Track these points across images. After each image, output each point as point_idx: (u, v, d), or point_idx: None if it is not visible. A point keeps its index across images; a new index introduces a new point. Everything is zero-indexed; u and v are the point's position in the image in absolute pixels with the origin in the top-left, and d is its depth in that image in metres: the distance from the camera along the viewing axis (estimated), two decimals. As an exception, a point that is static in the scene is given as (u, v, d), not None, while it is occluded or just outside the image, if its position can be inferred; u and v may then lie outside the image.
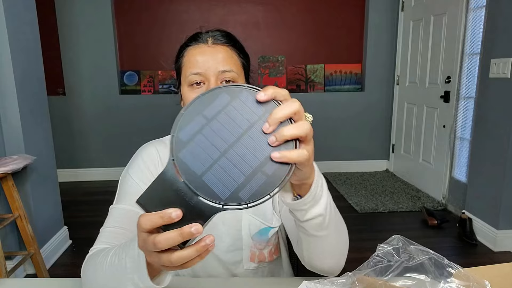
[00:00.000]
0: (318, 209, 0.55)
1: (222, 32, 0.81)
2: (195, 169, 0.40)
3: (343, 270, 0.60)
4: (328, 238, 0.61)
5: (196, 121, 0.41)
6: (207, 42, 0.77)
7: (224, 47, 0.77)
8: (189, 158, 0.40)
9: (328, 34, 3.89)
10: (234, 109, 0.41)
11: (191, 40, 0.79)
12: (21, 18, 2.01)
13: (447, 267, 0.50)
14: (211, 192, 0.40)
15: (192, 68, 0.75)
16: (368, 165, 4.08)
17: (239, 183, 0.40)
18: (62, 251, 2.37)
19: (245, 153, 0.40)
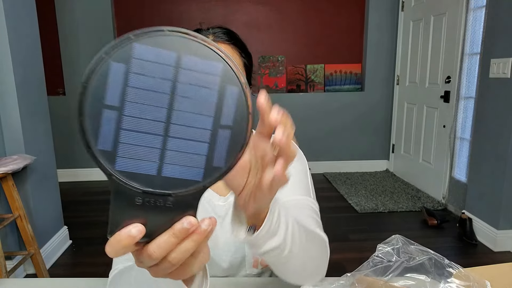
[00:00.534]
0: (276, 241, 0.50)
1: (224, 29, 0.77)
2: (145, 171, 0.32)
3: (343, 270, 0.60)
4: (294, 262, 0.56)
5: (105, 118, 0.31)
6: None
7: (225, 45, 0.74)
8: (130, 165, 0.32)
9: (328, 34, 3.89)
10: (138, 77, 0.31)
11: None
12: (21, 18, 2.01)
13: (447, 267, 0.50)
14: (183, 183, 0.33)
15: None
16: (368, 165, 4.08)
17: (206, 154, 0.33)
18: (62, 251, 2.37)
19: (189, 119, 0.32)
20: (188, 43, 0.32)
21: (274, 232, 0.50)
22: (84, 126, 0.31)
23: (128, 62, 0.31)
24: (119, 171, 0.32)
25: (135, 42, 0.31)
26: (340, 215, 2.92)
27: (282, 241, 0.51)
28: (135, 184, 0.32)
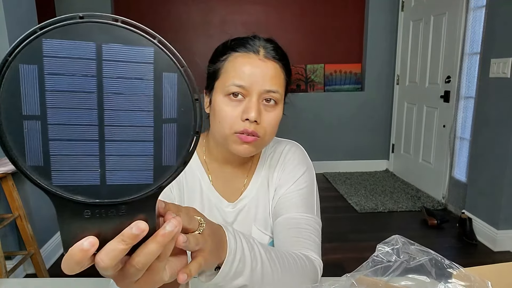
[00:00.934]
0: (242, 280, 0.51)
1: (274, 44, 0.74)
2: (87, 182, 0.29)
3: (343, 270, 0.60)
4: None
5: (28, 130, 0.27)
6: (258, 53, 0.70)
7: (274, 64, 0.71)
8: (68, 178, 0.29)
9: (328, 34, 3.89)
10: (55, 78, 0.27)
11: (239, 45, 0.72)
12: (21, 18, 2.01)
13: (448, 268, 0.50)
14: (133, 188, 0.30)
15: (236, 78, 0.68)
16: (368, 165, 4.07)
17: (153, 154, 0.29)
18: (62, 251, 2.36)
19: (126, 117, 0.28)
20: (109, 29, 0.28)
21: (239, 273, 0.50)
22: (5, 143, 0.27)
23: (40, 61, 0.26)
24: (58, 186, 0.29)
25: (43, 37, 0.27)
26: (340, 215, 2.92)
27: (248, 280, 0.52)
28: (79, 198, 0.29)
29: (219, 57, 0.73)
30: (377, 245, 0.56)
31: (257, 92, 0.68)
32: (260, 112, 0.70)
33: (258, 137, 0.70)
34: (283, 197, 0.79)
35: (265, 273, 0.55)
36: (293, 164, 0.83)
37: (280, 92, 0.71)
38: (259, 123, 0.70)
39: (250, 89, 0.68)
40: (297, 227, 0.74)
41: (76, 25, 0.28)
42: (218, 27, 3.81)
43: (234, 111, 0.69)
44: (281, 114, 0.74)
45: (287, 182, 0.81)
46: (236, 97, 0.69)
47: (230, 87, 0.69)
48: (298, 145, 0.88)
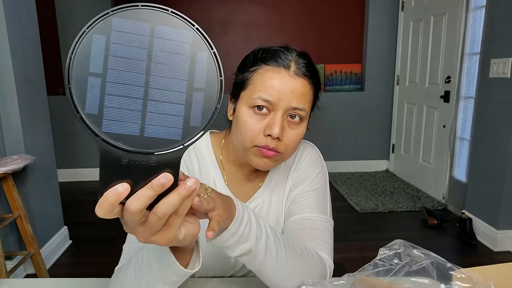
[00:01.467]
0: (246, 246, 0.54)
1: (307, 60, 0.71)
2: (129, 132, 0.35)
3: (344, 270, 0.60)
4: (269, 272, 0.58)
5: (91, 84, 0.34)
6: (288, 69, 0.68)
7: (304, 81, 0.69)
8: (115, 127, 0.35)
9: (328, 34, 3.89)
10: (117, 47, 0.35)
11: (270, 58, 0.69)
12: (21, 18, 2.01)
13: (450, 270, 0.50)
14: (164, 142, 0.36)
15: (263, 92, 0.67)
16: (368, 165, 4.08)
17: (183, 115, 0.36)
18: (62, 251, 2.37)
19: (166, 83, 0.36)
20: (161, 15, 0.36)
21: (245, 237, 0.54)
22: (72, 93, 0.34)
23: (108, 34, 0.35)
24: (105, 133, 0.35)
25: (113, 16, 0.35)
26: (340, 215, 2.92)
27: (254, 245, 0.55)
28: (120, 144, 0.36)
29: (248, 67, 0.72)
30: (379, 249, 0.56)
31: (283, 108, 0.67)
32: (284, 128, 0.69)
33: (278, 153, 0.70)
34: (298, 196, 0.80)
35: (269, 247, 0.57)
36: (309, 164, 0.83)
37: (306, 110, 0.70)
38: (281, 139, 0.69)
39: (276, 104, 0.67)
40: (311, 228, 0.74)
41: (137, 10, 0.35)
42: (218, 27, 3.81)
43: (257, 124, 0.68)
44: (304, 131, 0.73)
45: (303, 182, 0.81)
46: (261, 111, 0.68)
47: (256, 100, 0.68)
48: (312, 145, 0.89)
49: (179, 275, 0.50)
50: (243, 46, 3.86)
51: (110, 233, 2.54)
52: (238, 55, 3.20)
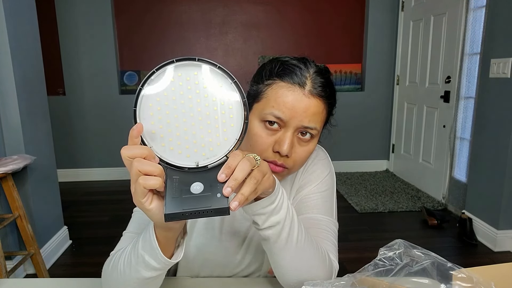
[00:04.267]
0: (278, 217, 0.56)
1: (324, 79, 0.69)
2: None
3: (344, 270, 0.60)
4: (289, 252, 0.59)
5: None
6: (304, 87, 0.67)
7: (318, 101, 0.68)
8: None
9: (328, 34, 3.89)
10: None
11: (286, 75, 0.68)
12: (21, 18, 2.01)
13: (450, 270, 0.50)
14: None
15: (276, 109, 0.66)
16: (368, 165, 4.08)
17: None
18: (62, 251, 2.37)
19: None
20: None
21: (278, 209, 0.56)
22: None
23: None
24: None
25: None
26: (340, 215, 2.90)
27: (283, 218, 0.57)
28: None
29: (263, 80, 0.70)
30: (379, 249, 0.56)
31: (294, 127, 0.67)
32: (293, 145, 0.69)
33: (286, 168, 0.70)
34: (305, 197, 0.80)
35: (293, 226, 0.59)
36: (317, 165, 0.83)
37: (317, 129, 0.70)
38: (290, 156, 0.69)
39: (287, 122, 0.67)
40: (317, 228, 0.74)
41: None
42: (218, 27, 3.81)
43: (267, 139, 0.68)
44: (314, 148, 0.73)
45: (310, 183, 0.81)
46: (272, 125, 0.68)
47: (268, 116, 0.67)
48: (321, 148, 0.88)
49: (159, 262, 0.54)
50: (242, 46, 3.86)
51: (110, 233, 2.54)
52: (238, 56, 3.22)
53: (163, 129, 0.47)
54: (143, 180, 0.45)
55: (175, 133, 0.47)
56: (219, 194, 0.45)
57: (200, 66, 0.47)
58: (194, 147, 0.48)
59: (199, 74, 0.47)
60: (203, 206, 0.44)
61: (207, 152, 0.48)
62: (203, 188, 0.45)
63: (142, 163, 0.45)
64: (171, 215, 0.43)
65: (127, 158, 0.46)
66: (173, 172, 0.47)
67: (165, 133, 0.47)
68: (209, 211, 0.44)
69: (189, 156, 0.48)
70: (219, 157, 0.48)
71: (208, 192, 0.45)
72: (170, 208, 0.44)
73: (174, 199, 0.44)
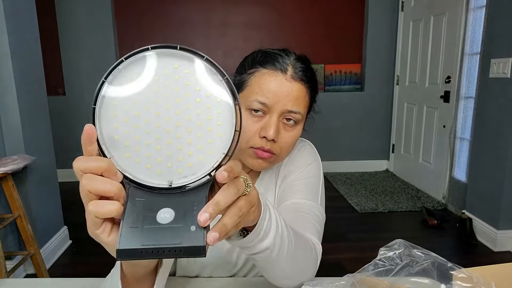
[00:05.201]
0: (266, 243, 0.51)
1: (305, 64, 0.72)
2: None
3: (343, 270, 0.60)
4: (281, 264, 0.57)
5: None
6: (285, 73, 0.69)
7: (300, 85, 0.70)
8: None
9: (328, 34, 3.89)
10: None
11: (268, 62, 0.70)
12: (21, 18, 2.01)
13: (450, 270, 0.50)
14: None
15: (260, 95, 0.68)
16: (368, 165, 4.07)
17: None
18: (62, 251, 2.37)
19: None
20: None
21: (265, 235, 0.50)
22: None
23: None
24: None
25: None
26: (340, 215, 2.92)
27: (272, 243, 0.51)
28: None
29: (246, 69, 0.72)
30: (379, 249, 0.56)
31: (278, 111, 0.68)
32: (279, 131, 0.70)
33: (273, 154, 0.71)
34: (290, 183, 0.80)
35: (284, 240, 0.54)
36: (301, 155, 0.84)
37: (301, 113, 0.71)
38: (276, 141, 0.70)
39: (272, 107, 0.68)
40: (299, 211, 0.74)
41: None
42: (218, 27, 3.81)
43: (253, 126, 0.70)
44: (299, 133, 0.75)
45: (295, 171, 0.82)
46: (257, 113, 0.69)
47: (252, 103, 0.69)
48: (308, 142, 0.90)
49: None
50: (242, 46, 3.85)
51: (110, 233, 2.53)
52: (237, 56, 3.22)
53: (130, 135, 0.36)
54: (94, 207, 0.35)
55: (144, 141, 0.36)
56: (194, 227, 0.34)
57: (182, 57, 0.36)
58: (168, 160, 0.36)
59: (180, 67, 0.36)
60: (170, 242, 0.33)
61: (184, 168, 0.36)
62: (173, 216, 0.35)
63: (94, 181, 0.35)
64: (126, 252, 0.33)
65: (79, 172, 0.36)
66: (137, 193, 0.36)
67: (132, 140, 0.36)
68: (177, 249, 0.33)
69: (161, 172, 0.36)
70: (199, 176, 0.36)
71: (180, 223, 0.34)
72: (125, 243, 0.33)
73: (132, 230, 0.34)
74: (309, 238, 0.67)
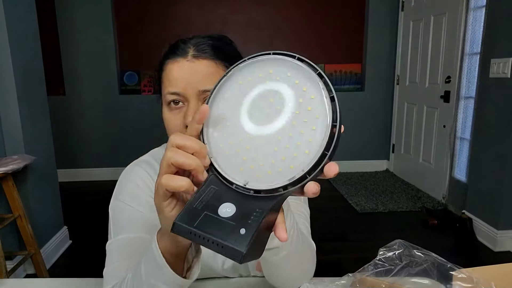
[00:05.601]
0: (277, 241, 0.49)
1: (207, 40, 0.68)
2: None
3: (343, 270, 0.60)
4: (286, 265, 0.56)
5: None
6: (186, 56, 0.66)
7: (207, 61, 0.66)
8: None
9: (328, 34, 3.89)
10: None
11: (170, 52, 0.68)
12: (21, 18, 2.01)
13: (450, 270, 0.50)
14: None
15: (169, 86, 0.66)
16: (368, 165, 4.07)
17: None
18: (62, 251, 2.37)
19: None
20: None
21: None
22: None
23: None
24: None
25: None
26: (340, 215, 2.92)
27: (279, 243, 0.50)
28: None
29: (158, 68, 0.71)
30: (379, 249, 0.56)
31: (193, 95, 0.64)
32: None
33: None
34: None
35: (293, 238, 0.53)
36: None
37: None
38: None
39: (185, 94, 0.65)
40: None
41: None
42: (219, 27, 3.81)
43: (176, 119, 0.67)
44: None
45: None
46: (177, 105, 0.66)
47: (167, 96, 0.66)
48: None
49: (168, 283, 0.48)
50: (242, 46, 3.82)
51: (110, 233, 2.53)
52: (238, 55, 3.11)
53: (229, 129, 0.39)
54: (166, 180, 0.38)
55: (238, 137, 0.38)
56: (244, 230, 0.34)
57: (294, 66, 0.38)
58: (251, 162, 0.37)
59: (292, 76, 0.38)
60: (217, 236, 0.34)
61: (263, 174, 0.36)
62: (233, 214, 0.35)
63: (178, 154, 0.37)
64: (180, 227, 0.36)
65: (173, 145, 0.39)
66: (215, 181, 0.38)
67: (228, 134, 0.39)
68: (220, 244, 0.34)
69: (242, 170, 0.37)
70: (273, 186, 0.36)
71: (234, 222, 0.35)
72: (183, 219, 0.36)
73: (194, 211, 0.36)
74: (307, 238, 0.67)
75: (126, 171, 0.78)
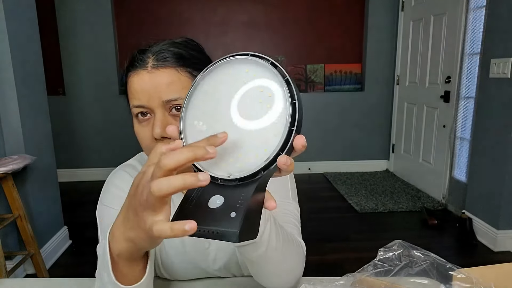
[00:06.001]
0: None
1: (169, 46, 0.66)
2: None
3: (343, 270, 0.60)
4: (269, 263, 0.56)
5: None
6: (146, 66, 0.63)
7: (168, 70, 0.63)
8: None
9: (328, 34, 3.89)
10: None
11: (130, 65, 0.66)
12: (21, 17, 2.01)
13: (450, 271, 0.50)
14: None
15: (133, 99, 0.64)
16: (368, 165, 4.08)
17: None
18: (62, 251, 2.37)
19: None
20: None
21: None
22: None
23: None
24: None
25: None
26: (340, 215, 2.92)
27: (257, 238, 0.51)
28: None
29: (124, 82, 0.69)
30: (379, 250, 0.56)
31: (158, 106, 0.63)
32: (168, 124, 0.64)
33: None
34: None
35: (271, 236, 0.54)
36: None
37: (182, 97, 0.63)
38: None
39: (150, 105, 0.63)
40: (274, 212, 0.72)
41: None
42: (219, 26, 3.81)
43: (144, 131, 0.66)
44: None
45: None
46: (145, 116, 0.65)
47: (133, 110, 0.65)
48: None
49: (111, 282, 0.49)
50: (242, 46, 3.86)
51: (110, 233, 2.53)
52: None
53: (204, 127, 0.42)
54: (157, 186, 0.35)
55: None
56: (234, 213, 0.36)
57: (251, 62, 0.41)
58: (230, 156, 0.40)
59: (250, 72, 0.41)
60: (210, 224, 0.36)
61: (243, 163, 0.39)
62: (222, 203, 0.38)
63: (171, 154, 0.36)
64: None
65: (160, 152, 0.40)
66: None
67: (205, 132, 0.41)
68: (215, 231, 0.36)
69: (224, 165, 0.40)
70: (252, 171, 0.38)
71: (224, 209, 0.37)
72: (178, 215, 0.38)
73: (186, 210, 0.39)
74: (295, 237, 0.67)
75: (110, 176, 0.78)
